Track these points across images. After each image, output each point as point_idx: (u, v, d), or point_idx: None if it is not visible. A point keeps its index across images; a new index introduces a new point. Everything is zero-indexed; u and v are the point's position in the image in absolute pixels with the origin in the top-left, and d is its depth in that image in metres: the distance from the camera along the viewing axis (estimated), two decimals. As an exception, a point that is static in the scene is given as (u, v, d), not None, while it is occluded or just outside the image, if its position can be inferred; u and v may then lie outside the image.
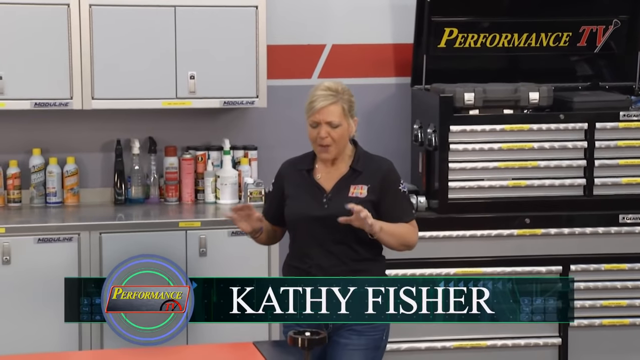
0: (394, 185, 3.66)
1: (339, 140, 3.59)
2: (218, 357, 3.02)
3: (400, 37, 5.45)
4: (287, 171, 3.77)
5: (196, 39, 4.95)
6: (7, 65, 4.78)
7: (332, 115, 3.56)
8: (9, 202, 5.07)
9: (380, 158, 3.78)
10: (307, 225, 3.62)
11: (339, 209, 3.49)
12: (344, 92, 3.64)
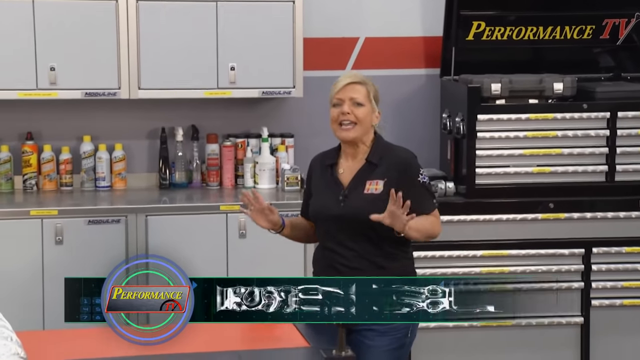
0: (414, 176, 3.47)
1: (362, 120, 3.44)
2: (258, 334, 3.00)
3: (430, 30, 5.42)
4: (314, 166, 3.66)
5: (236, 32, 4.94)
6: (59, 57, 4.80)
7: (356, 93, 3.45)
8: (61, 186, 5.11)
9: (400, 149, 3.60)
10: (325, 223, 3.51)
11: (354, 208, 3.40)
12: (370, 82, 3.54)
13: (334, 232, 3.46)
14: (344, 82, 3.47)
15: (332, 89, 3.52)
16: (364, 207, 3.38)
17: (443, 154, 5.36)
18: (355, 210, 3.40)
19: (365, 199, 3.41)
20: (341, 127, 3.45)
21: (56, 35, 4.79)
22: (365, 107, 3.46)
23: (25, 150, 5.07)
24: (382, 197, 3.37)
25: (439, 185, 5.00)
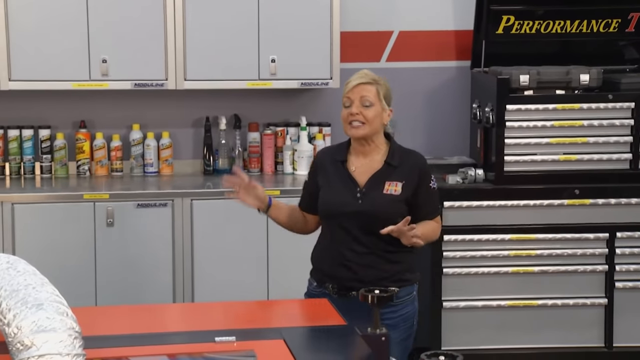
0: (428, 181, 3.46)
1: (371, 120, 3.37)
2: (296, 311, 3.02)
3: (461, 24, 5.39)
4: (322, 160, 3.55)
5: (277, 26, 4.94)
6: (111, 49, 4.83)
7: (365, 92, 3.38)
8: (112, 172, 5.15)
9: (416, 153, 3.54)
10: (340, 218, 3.42)
11: (373, 206, 3.35)
12: (382, 81, 3.46)
13: (349, 228, 3.40)
14: (354, 82, 3.42)
15: (343, 89, 3.46)
16: (383, 206, 3.36)
17: (473, 142, 5.33)
18: (374, 209, 3.36)
19: (385, 199, 3.37)
20: (351, 126, 3.40)
21: (108, 29, 4.82)
22: (375, 107, 3.39)
23: (79, 138, 5.11)
24: (400, 198, 3.37)
25: (469, 172, 4.98)
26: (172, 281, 4.75)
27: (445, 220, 4.88)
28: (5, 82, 4.76)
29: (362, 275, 3.36)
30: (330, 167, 3.49)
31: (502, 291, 4.92)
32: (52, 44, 4.79)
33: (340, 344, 2.68)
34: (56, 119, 5.16)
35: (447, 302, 4.92)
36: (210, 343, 2.58)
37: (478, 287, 4.91)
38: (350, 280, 3.39)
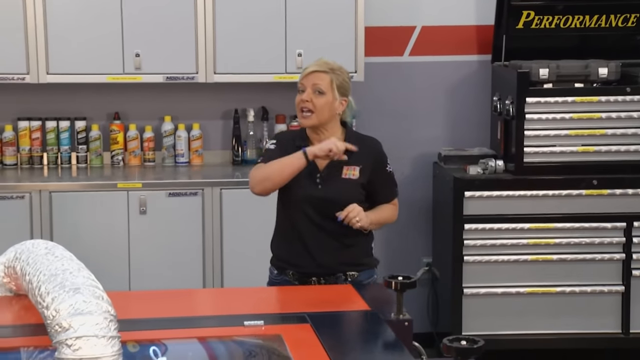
0: (384, 165, 3.42)
1: (321, 108, 3.29)
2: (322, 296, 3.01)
3: (483, 19, 5.36)
4: (285, 142, 3.43)
5: (303, 21, 4.93)
6: (144, 44, 4.84)
7: (318, 80, 3.30)
8: (144, 162, 5.17)
9: (371, 138, 3.50)
10: (300, 203, 3.35)
11: (332, 190, 3.31)
12: (339, 70, 3.37)
13: (308, 213, 3.35)
14: (309, 69, 3.35)
15: (300, 75, 3.40)
16: (342, 190, 3.32)
17: (493, 134, 5.30)
18: (333, 193, 3.31)
19: (344, 183, 3.33)
20: (302, 114, 3.34)
21: (141, 23, 4.83)
22: (326, 96, 3.31)
23: (113, 129, 5.14)
24: (358, 183, 3.34)
25: (490, 163, 4.97)
26: (202, 267, 4.76)
27: (466, 210, 4.89)
28: (44, 76, 4.79)
29: (321, 261, 3.34)
30: (292, 151, 3.37)
31: (521, 278, 4.91)
32: (88, 39, 4.81)
33: (365, 328, 2.68)
34: (91, 111, 5.19)
35: (467, 289, 4.91)
36: (239, 327, 2.58)
37: (498, 274, 4.90)
38: (310, 267, 3.36)
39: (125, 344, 2.25)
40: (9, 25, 4.73)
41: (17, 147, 5.06)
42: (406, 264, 5.31)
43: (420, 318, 5.22)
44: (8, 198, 4.65)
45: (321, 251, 3.35)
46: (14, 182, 4.77)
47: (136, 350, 2.39)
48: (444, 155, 5.21)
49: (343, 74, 3.40)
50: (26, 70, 4.77)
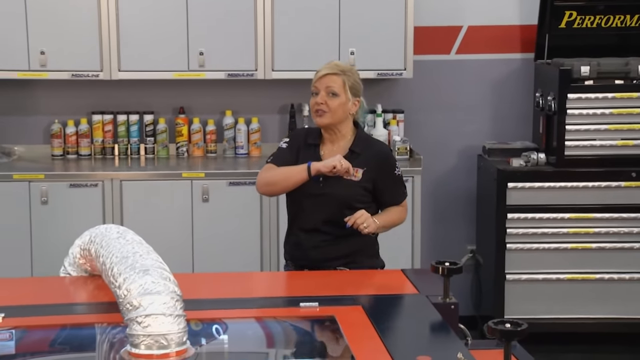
0: (391, 170, 3.32)
1: (335, 109, 3.24)
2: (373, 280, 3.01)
3: (526, 19, 5.29)
4: (299, 140, 3.39)
5: (356, 21, 4.91)
6: (207, 43, 4.86)
7: (331, 82, 3.25)
8: (207, 153, 5.20)
9: (380, 143, 3.43)
10: (302, 199, 3.31)
11: (332, 189, 3.23)
12: (350, 72, 3.31)
13: (308, 209, 3.30)
14: (322, 73, 3.30)
15: (313, 78, 3.34)
16: (341, 190, 3.25)
17: (535, 128, 5.24)
18: (332, 192, 3.25)
19: (344, 183, 3.25)
20: (316, 114, 3.30)
21: (204, 24, 4.85)
22: (340, 97, 3.26)
23: (178, 122, 5.18)
24: (358, 184, 3.26)
25: (532, 155, 4.92)
26: (260, 251, 4.78)
27: (509, 200, 4.85)
28: (116, 73, 4.84)
29: (311, 255, 3.29)
30: (303, 148, 3.36)
31: (561, 266, 4.86)
32: (156, 38, 4.84)
33: (414, 311, 2.67)
34: (158, 106, 5.23)
35: (509, 274, 4.87)
36: (295, 308, 2.59)
37: (539, 261, 4.85)
38: (301, 259, 3.33)
39: (189, 322, 2.26)
40: (84, 27, 4.79)
41: (91, 139, 5.13)
42: (451, 250, 5.29)
43: (464, 302, 5.18)
44: (83, 186, 4.72)
45: (313, 246, 3.30)
46: (88, 171, 4.84)
47: (199, 328, 2.40)
48: (488, 148, 5.16)
49: (354, 75, 3.34)
50: (100, 68, 4.83)
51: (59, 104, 5.15)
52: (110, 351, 2.36)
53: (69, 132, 5.10)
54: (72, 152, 5.11)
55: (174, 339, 2.19)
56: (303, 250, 3.35)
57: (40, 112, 5.15)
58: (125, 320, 2.24)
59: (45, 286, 2.88)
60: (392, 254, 4.77)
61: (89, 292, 2.76)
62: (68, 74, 4.82)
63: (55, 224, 4.64)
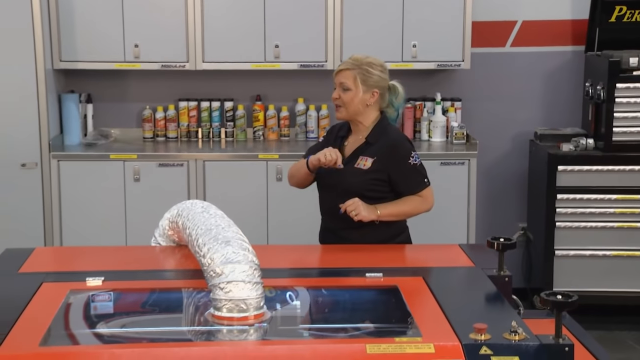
0: (403, 159, 3.11)
1: (348, 103, 3.11)
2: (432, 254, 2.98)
3: (578, 14, 5.16)
4: (332, 133, 3.32)
5: (418, 15, 4.85)
6: (282, 37, 4.85)
7: (344, 78, 3.12)
8: (281, 137, 5.20)
9: (395, 131, 3.20)
10: (324, 188, 3.23)
11: (343, 177, 3.12)
12: (367, 64, 3.14)
13: (326, 194, 3.22)
14: (337, 68, 3.19)
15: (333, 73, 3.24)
16: (350, 178, 3.13)
17: (585, 115, 5.12)
18: (342, 180, 3.14)
19: (353, 172, 3.13)
20: (335, 109, 3.21)
21: (279, 19, 4.84)
22: (352, 91, 3.11)
23: (255, 109, 5.19)
24: (366, 172, 3.12)
25: (581, 141, 4.82)
26: (328, 226, 4.78)
27: (559, 182, 4.76)
28: (200, 64, 4.88)
29: (326, 238, 3.21)
30: (333, 139, 3.27)
31: (607, 243, 4.77)
32: (236, 33, 4.86)
33: (470, 282, 2.64)
34: (237, 93, 5.26)
35: (558, 250, 4.79)
36: (361, 278, 2.58)
37: (586, 239, 4.77)
38: (326, 241, 3.26)
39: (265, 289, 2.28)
40: (173, 23, 4.82)
41: (177, 123, 5.19)
42: (504, 227, 5.23)
43: (515, 275, 5.05)
44: (170, 165, 4.78)
45: (329, 231, 3.24)
46: (175, 152, 4.90)
47: (273, 294, 2.41)
48: (539, 134, 5.07)
49: (372, 67, 3.16)
50: (186, 59, 4.87)
51: (149, 91, 5.22)
52: (195, 313, 2.39)
53: (158, 117, 5.16)
54: (161, 135, 5.17)
55: (253, 304, 2.21)
56: (327, 235, 3.25)
57: (134, 99, 5.23)
58: (209, 286, 2.26)
59: (138, 254, 2.93)
60: (449, 231, 4.76)
61: (177, 260, 2.79)
62: (158, 64, 4.87)
63: (146, 199, 4.72)
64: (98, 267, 2.62)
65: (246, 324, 2.18)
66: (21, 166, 4.65)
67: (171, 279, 2.65)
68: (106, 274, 2.52)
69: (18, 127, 4.63)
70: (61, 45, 4.81)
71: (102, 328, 2.31)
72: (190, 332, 2.32)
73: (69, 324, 2.29)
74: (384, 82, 3.21)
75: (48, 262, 2.84)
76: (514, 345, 2.03)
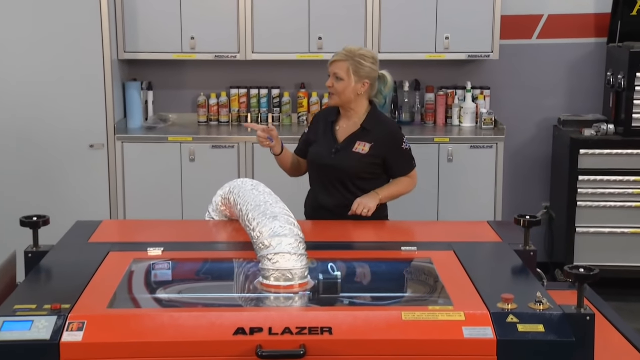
0: (397, 144, 3.12)
1: (341, 92, 3.09)
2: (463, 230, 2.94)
3: (601, 8, 5.04)
4: (318, 119, 3.28)
5: (451, 10, 4.78)
6: (325, 29, 4.82)
7: (337, 69, 3.09)
8: (323, 121, 5.19)
9: (389, 121, 3.23)
10: (318, 168, 3.19)
11: (342, 160, 3.10)
12: (359, 56, 3.10)
13: (322, 177, 3.18)
14: (331, 59, 3.15)
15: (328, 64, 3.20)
16: (349, 162, 3.11)
17: (606, 103, 5.02)
18: (341, 163, 3.11)
19: (352, 156, 3.11)
20: (329, 96, 3.18)
21: (323, 13, 4.80)
22: (344, 82, 3.09)
23: (300, 96, 5.17)
24: (365, 156, 3.11)
25: (602, 126, 4.73)
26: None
27: (581, 164, 4.68)
28: (250, 54, 4.87)
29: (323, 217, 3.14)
30: (322, 125, 3.23)
31: (626, 221, 4.68)
32: (283, 26, 4.83)
33: (498, 256, 2.61)
34: (284, 82, 5.24)
35: (579, 228, 4.72)
36: (397, 251, 2.56)
37: (606, 217, 4.69)
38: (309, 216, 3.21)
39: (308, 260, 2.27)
40: (226, 17, 4.81)
41: (229, 108, 5.20)
42: (528, 206, 5.16)
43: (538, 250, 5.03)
44: (222, 147, 4.79)
45: (326, 210, 3.19)
46: (227, 135, 4.90)
47: (315, 266, 2.41)
48: (563, 120, 4.98)
49: (364, 58, 3.13)
50: (237, 50, 4.86)
51: (204, 80, 5.23)
52: (245, 282, 2.40)
53: (211, 103, 5.18)
54: (214, 120, 5.19)
55: (298, 274, 2.21)
56: (319, 214, 3.21)
57: (190, 87, 5.25)
58: (258, 257, 2.27)
59: (194, 228, 2.94)
60: (478, 209, 4.71)
61: (229, 233, 2.80)
62: (212, 55, 4.88)
63: (200, 177, 4.74)
64: (158, 239, 2.64)
65: (292, 292, 2.19)
66: (89, 147, 4.71)
67: (223, 251, 2.66)
68: (165, 244, 2.54)
69: (87, 112, 4.68)
70: (125, 38, 4.84)
71: (161, 294, 2.33)
72: (240, 299, 2.33)
73: (132, 290, 2.31)
74: (375, 73, 3.18)
75: (114, 233, 2.87)
76: (539, 314, 2.00)
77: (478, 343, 1.94)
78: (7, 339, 1.89)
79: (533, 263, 2.55)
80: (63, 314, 1.96)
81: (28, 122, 4.64)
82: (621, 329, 2.46)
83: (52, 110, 4.64)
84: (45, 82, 4.61)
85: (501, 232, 2.81)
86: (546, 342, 1.94)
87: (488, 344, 1.94)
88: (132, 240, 2.73)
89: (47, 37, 4.57)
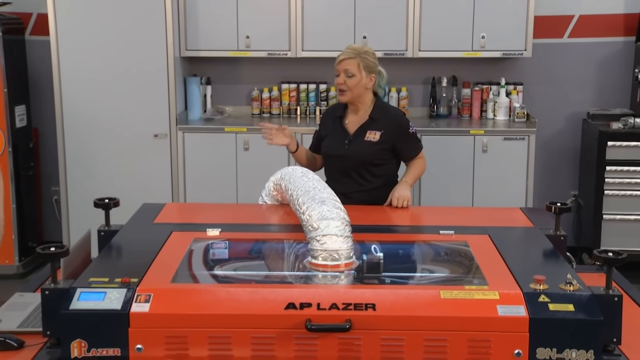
0: (404, 129, 3.11)
1: (353, 87, 3.07)
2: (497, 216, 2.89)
3: (630, 8, 4.91)
4: (327, 116, 3.27)
5: (487, 10, 4.71)
6: (369, 28, 4.78)
7: (348, 66, 3.07)
8: (366, 114, 5.16)
9: (394, 109, 3.25)
10: (333, 159, 3.17)
11: (355, 150, 3.08)
12: (364, 52, 3.10)
13: (338, 166, 3.15)
14: (340, 57, 3.12)
15: (335, 61, 3.15)
16: (363, 150, 3.09)
17: (633, 98, 4.88)
18: (355, 152, 3.10)
19: (365, 144, 3.10)
20: (339, 93, 3.13)
21: (368, 13, 4.76)
22: (356, 77, 3.08)
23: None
24: (376, 144, 3.10)
25: (629, 120, 4.60)
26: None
27: (608, 155, 4.57)
28: (300, 52, 4.86)
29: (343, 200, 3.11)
30: (331, 121, 3.22)
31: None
32: (329, 25, 4.81)
33: (530, 240, 2.56)
34: (330, 77, 5.16)
35: (606, 215, 4.61)
36: (435, 234, 2.54)
37: (632, 205, 4.58)
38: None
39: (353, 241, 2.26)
40: (278, 18, 4.81)
41: (280, 102, 5.20)
42: (558, 194, 5.07)
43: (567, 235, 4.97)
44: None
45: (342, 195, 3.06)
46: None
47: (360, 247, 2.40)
48: (592, 114, 4.86)
49: (368, 55, 3.13)
50: (288, 48, 4.86)
51: (257, 75, 5.24)
52: (295, 261, 2.40)
53: (264, 97, 5.19)
54: (266, 112, 5.20)
55: (344, 254, 2.20)
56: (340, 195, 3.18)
57: (244, 82, 5.27)
58: (307, 238, 2.27)
59: (248, 211, 2.96)
60: (511, 196, 4.63)
61: (280, 216, 2.81)
62: (265, 52, 4.88)
63: (254, 165, 4.76)
64: (216, 220, 2.66)
65: (338, 271, 2.18)
66: (154, 136, 4.77)
67: (275, 232, 2.67)
68: (222, 226, 2.55)
69: (152, 104, 4.73)
70: (187, 37, 4.88)
71: (218, 270, 2.35)
72: (291, 276, 2.33)
73: (192, 266, 2.34)
74: (377, 67, 3.19)
75: (176, 215, 2.90)
76: (569, 294, 1.96)
77: (511, 320, 1.91)
78: (83, 307, 1.93)
79: (563, 247, 2.50)
80: (132, 287, 1.99)
81: (100, 113, 4.73)
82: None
83: (120, 102, 4.71)
84: (115, 77, 4.68)
85: (533, 218, 2.76)
86: (576, 320, 1.90)
87: (521, 322, 1.91)
88: (193, 221, 2.76)
89: (117, 37, 4.64)
